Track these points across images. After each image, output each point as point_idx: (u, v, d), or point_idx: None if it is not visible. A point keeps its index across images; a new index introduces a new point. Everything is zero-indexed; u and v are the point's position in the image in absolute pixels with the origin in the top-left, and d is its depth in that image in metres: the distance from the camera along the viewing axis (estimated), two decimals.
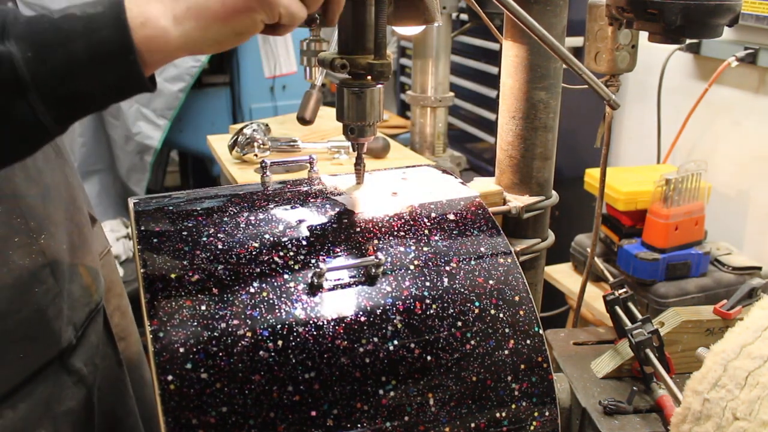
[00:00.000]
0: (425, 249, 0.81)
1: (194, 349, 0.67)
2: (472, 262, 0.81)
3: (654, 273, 1.78)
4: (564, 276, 2.06)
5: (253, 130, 1.74)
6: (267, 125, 1.82)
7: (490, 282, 0.79)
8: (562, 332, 1.10)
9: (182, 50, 0.65)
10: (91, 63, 0.60)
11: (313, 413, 0.68)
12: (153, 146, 2.69)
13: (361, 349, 0.71)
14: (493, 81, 2.32)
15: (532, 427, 0.76)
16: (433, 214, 0.86)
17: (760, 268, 1.86)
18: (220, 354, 0.67)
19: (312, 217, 0.83)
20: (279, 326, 0.70)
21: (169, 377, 0.65)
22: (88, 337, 0.95)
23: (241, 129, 1.74)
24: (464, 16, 2.28)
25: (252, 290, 0.72)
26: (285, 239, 0.78)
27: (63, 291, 0.89)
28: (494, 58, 2.32)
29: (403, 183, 0.95)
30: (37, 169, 0.90)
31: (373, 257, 0.77)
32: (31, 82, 0.59)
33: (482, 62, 2.42)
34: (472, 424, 0.73)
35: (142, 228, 0.79)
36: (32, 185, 0.88)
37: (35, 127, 0.61)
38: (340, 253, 0.78)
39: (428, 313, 0.75)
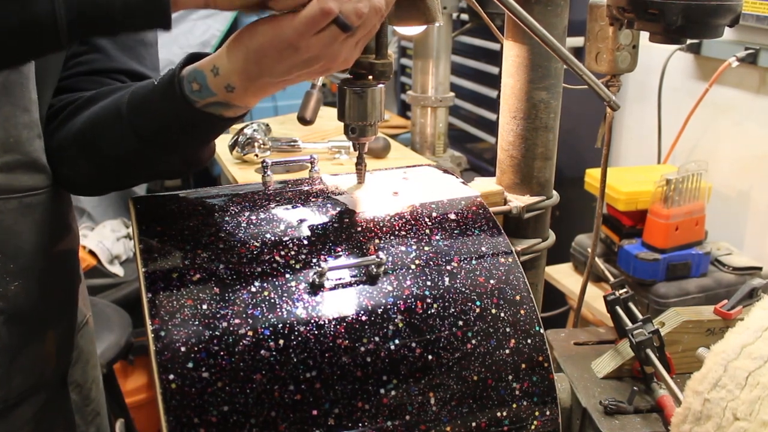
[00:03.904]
0: (426, 248, 0.81)
1: (195, 348, 0.67)
2: (473, 262, 0.81)
3: (654, 273, 1.78)
4: (564, 276, 2.06)
5: (254, 130, 1.74)
6: (267, 125, 1.82)
7: (491, 281, 0.79)
8: (563, 332, 1.10)
9: None
10: None
11: (315, 412, 0.68)
12: None
13: (363, 349, 0.71)
14: (494, 81, 2.32)
15: (532, 427, 0.76)
16: (434, 214, 0.86)
17: (760, 269, 1.86)
18: (222, 353, 0.67)
19: (313, 216, 0.83)
20: (280, 325, 0.70)
21: (171, 376, 0.65)
22: None
23: (242, 129, 1.74)
24: (465, 16, 2.28)
25: (253, 289, 0.72)
26: (286, 239, 0.78)
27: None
28: (495, 58, 2.32)
29: (404, 183, 0.95)
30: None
31: (374, 257, 0.77)
32: None
33: (483, 62, 2.42)
34: (473, 424, 0.73)
35: (143, 227, 0.79)
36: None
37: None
38: (341, 253, 0.78)
39: (429, 312, 0.75)
